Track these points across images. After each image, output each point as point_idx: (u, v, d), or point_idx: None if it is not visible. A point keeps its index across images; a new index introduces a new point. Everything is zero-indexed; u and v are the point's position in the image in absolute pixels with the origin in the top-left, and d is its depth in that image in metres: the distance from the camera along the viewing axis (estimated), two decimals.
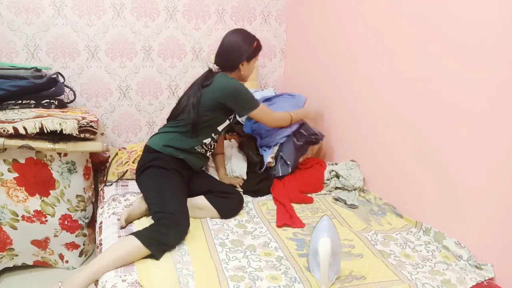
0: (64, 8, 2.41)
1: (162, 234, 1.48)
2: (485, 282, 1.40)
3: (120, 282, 1.31)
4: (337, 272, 1.36)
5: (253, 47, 1.93)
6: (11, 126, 1.79)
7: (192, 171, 1.89)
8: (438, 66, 1.61)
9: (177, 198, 1.66)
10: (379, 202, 1.94)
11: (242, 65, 1.92)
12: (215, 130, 1.92)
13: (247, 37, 1.93)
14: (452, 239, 1.58)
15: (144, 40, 2.60)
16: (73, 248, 2.07)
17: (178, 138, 1.84)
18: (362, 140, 2.13)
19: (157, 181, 1.72)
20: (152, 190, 1.70)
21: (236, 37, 1.92)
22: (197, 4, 2.65)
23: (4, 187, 1.88)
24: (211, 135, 1.91)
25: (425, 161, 1.71)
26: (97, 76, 2.57)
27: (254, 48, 1.94)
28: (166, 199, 1.63)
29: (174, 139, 1.84)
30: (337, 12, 2.31)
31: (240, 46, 1.90)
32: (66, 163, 1.94)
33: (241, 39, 1.91)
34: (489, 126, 1.43)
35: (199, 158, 1.92)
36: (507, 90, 1.35)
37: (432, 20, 1.63)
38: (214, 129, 1.91)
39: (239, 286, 1.31)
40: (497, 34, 1.37)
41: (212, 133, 1.91)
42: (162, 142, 1.83)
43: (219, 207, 1.76)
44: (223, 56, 1.92)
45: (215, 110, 1.86)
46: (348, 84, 2.21)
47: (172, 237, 1.50)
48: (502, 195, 1.39)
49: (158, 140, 1.85)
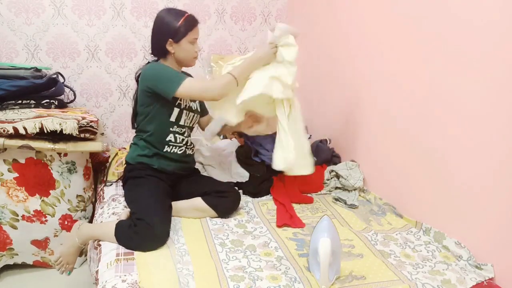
0: (64, 8, 2.41)
1: (133, 241, 1.49)
2: (485, 282, 1.40)
3: (120, 283, 1.31)
4: (337, 272, 1.36)
5: (179, 23, 1.65)
6: (11, 126, 1.79)
7: (180, 175, 1.85)
8: (438, 66, 1.61)
9: (153, 205, 1.60)
10: (379, 202, 1.94)
11: (171, 46, 1.68)
12: (170, 123, 1.75)
13: (171, 13, 1.69)
14: (452, 239, 1.58)
15: (144, 40, 2.60)
16: None
17: (145, 146, 1.76)
18: (362, 140, 2.13)
19: (132, 192, 1.72)
20: (131, 202, 1.70)
21: (160, 14, 1.71)
22: (197, 4, 2.65)
23: (4, 187, 1.88)
24: (170, 130, 1.76)
25: (425, 161, 1.71)
26: (97, 76, 2.57)
27: (181, 24, 1.65)
28: (142, 209, 1.59)
29: (142, 148, 1.77)
30: (337, 12, 2.31)
31: (163, 24, 1.67)
32: (66, 163, 1.94)
33: (164, 15, 1.69)
34: (489, 127, 1.43)
35: (178, 161, 1.81)
36: (506, 90, 1.35)
37: (430, 21, 1.63)
38: (168, 122, 1.75)
39: (239, 286, 1.31)
40: (498, 35, 1.37)
41: (170, 127, 1.76)
42: (135, 153, 1.79)
43: (217, 208, 1.75)
44: (151, 40, 1.74)
45: (150, 101, 1.70)
46: (348, 84, 2.21)
47: (142, 246, 1.48)
48: (502, 195, 1.39)
49: (131, 153, 1.81)
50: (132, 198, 1.70)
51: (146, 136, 1.76)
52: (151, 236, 1.49)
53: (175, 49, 1.69)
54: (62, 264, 1.68)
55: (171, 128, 1.77)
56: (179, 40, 1.67)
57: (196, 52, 1.74)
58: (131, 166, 1.79)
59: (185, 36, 1.67)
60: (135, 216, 1.56)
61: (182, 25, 1.66)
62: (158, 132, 1.75)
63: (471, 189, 1.51)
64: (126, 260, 1.44)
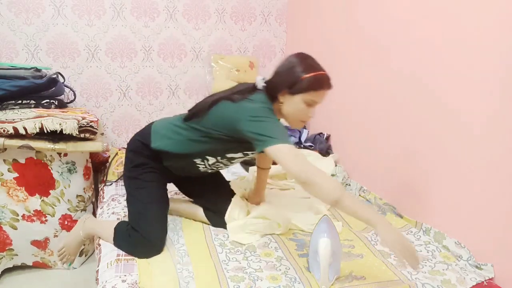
0: (64, 8, 2.41)
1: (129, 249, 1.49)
2: (485, 282, 1.40)
3: (120, 283, 1.31)
4: (337, 272, 1.36)
5: (305, 77, 1.35)
6: (11, 126, 1.79)
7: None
8: (438, 64, 1.61)
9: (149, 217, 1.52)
10: (379, 202, 1.94)
11: (283, 95, 1.40)
12: (222, 155, 1.54)
13: (304, 62, 1.39)
14: (452, 239, 1.58)
15: (144, 40, 2.60)
16: None
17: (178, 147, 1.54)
18: (362, 140, 2.13)
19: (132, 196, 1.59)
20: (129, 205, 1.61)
21: (294, 58, 1.42)
22: (197, 4, 2.65)
23: (4, 187, 1.88)
24: (217, 159, 1.55)
25: (425, 161, 1.71)
26: (97, 76, 2.57)
27: (307, 79, 1.35)
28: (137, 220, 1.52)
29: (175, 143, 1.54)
30: (337, 12, 2.31)
31: (289, 70, 1.39)
32: (66, 163, 1.94)
33: (297, 62, 1.40)
34: (489, 127, 1.43)
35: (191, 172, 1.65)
36: (506, 89, 1.35)
37: (430, 21, 1.63)
38: (220, 154, 1.53)
39: (239, 286, 1.31)
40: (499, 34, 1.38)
41: (218, 157, 1.54)
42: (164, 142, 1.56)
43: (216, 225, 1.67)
44: (272, 76, 1.46)
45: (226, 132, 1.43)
46: (348, 83, 2.21)
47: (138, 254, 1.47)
48: (502, 195, 1.39)
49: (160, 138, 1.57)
50: (130, 203, 1.59)
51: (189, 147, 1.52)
52: (146, 247, 1.47)
53: (287, 100, 1.41)
54: (65, 255, 1.72)
55: (219, 157, 1.54)
56: (295, 93, 1.38)
57: (308, 116, 1.43)
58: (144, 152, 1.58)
59: (304, 92, 1.37)
60: (131, 224, 1.52)
61: (307, 79, 1.36)
62: (201, 154, 1.54)
63: (471, 189, 1.51)
64: (126, 260, 1.44)
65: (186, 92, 2.79)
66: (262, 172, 1.80)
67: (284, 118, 1.48)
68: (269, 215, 1.63)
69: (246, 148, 1.50)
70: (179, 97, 2.79)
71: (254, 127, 1.32)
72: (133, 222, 1.52)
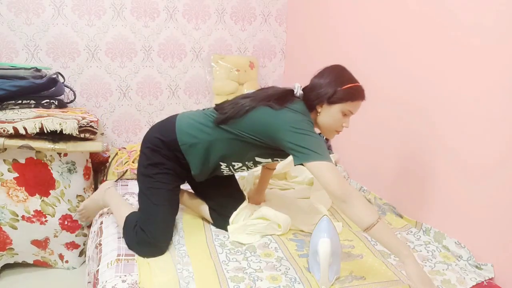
0: (64, 8, 2.41)
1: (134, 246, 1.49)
2: (485, 282, 1.40)
3: (120, 283, 1.31)
4: (337, 273, 1.36)
5: (341, 88, 1.42)
6: (11, 126, 1.79)
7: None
8: (438, 63, 1.61)
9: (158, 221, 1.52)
10: (379, 202, 1.94)
11: (321, 106, 1.46)
12: (250, 158, 1.54)
13: (342, 75, 1.46)
14: (452, 239, 1.58)
15: (144, 40, 2.60)
16: (73, 248, 2.07)
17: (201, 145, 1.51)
18: (362, 140, 2.13)
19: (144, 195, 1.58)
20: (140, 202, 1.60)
21: (332, 69, 1.48)
22: (197, 4, 2.65)
23: (4, 187, 1.88)
24: (243, 162, 1.56)
25: (425, 161, 1.71)
26: (97, 76, 2.57)
27: (346, 90, 1.42)
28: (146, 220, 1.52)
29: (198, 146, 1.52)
30: (337, 12, 2.31)
31: (328, 81, 1.44)
32: (66, 163, 1.94)
33: (336, 73, 1.46)
34: (489, 127, 1.42)
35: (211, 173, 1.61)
36: (506, 90, 1.35)
37: (431, 21, 1.63)
38: (249, 158, 1.53)
39: (239, 286, 1.31)
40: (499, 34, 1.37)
41: (245, 161, 1.55)
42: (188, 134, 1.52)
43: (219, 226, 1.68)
44: (310, 84, 1.51)
45: (261, 138, 1.44)
46: None
47: (141, 253, 1.47)
48: (502, 195, 1.39)
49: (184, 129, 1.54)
50: (141, 200, 1.58)
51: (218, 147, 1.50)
52: (150, 248, 1.48)
53: (324, 110, 1.46)
54: (83, 215, 1.88)
55: (245, 161, 1.55)
56: (333, 103, 1.43)
57: (343, 126, 1.48)
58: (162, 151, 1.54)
59: (342, 103, 1.43)
60: (139, 223, 1.52)
61: (346, 90, 1.42)
62: (228, 157, 1.53)
63: (471, 189, 1.51)
64: (126, 261, 1.44)
65: (186, 92, 2.79)
66: (267, 172, 1.83)
67: (319, 128, 1.51)
68: (269, 216, 1.63)
69: (277, 155, 1.53)
70: (179, 97, 2.79)
71: (295, 139, 1.34)
72: (141, 222, 1.52)
